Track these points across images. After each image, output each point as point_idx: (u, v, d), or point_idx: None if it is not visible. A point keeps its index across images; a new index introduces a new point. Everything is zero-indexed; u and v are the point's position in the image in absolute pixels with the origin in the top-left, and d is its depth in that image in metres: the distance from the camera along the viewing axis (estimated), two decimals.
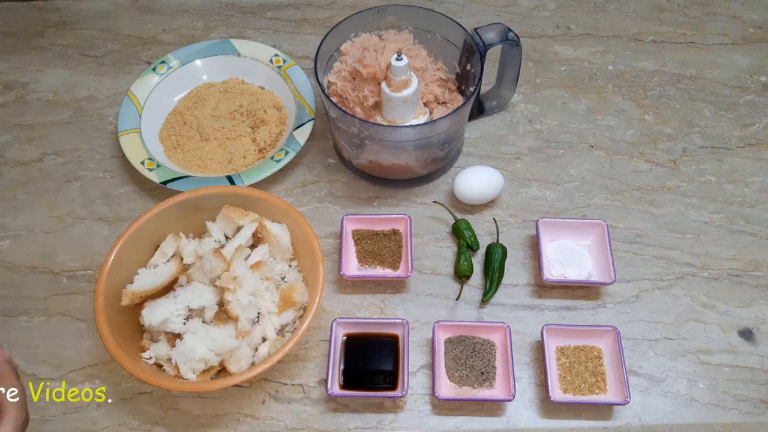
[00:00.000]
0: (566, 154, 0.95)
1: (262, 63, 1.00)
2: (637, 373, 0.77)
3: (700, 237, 0.88)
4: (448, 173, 0.93)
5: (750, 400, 0.76)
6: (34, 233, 0.89)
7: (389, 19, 0.89)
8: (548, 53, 1.07)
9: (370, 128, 0.81)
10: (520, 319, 0.81)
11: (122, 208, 0.90)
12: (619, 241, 0.87)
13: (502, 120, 0.99)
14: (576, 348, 0.77)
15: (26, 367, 0.77)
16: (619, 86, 1.03)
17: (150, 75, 0.97)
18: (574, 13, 1.12)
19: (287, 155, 0.89)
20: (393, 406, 0.75)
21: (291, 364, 0.78)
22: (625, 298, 0.83)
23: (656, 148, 0.96)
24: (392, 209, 0.90)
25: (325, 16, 1.12)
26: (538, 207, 0.90)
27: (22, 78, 1.04)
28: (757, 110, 1.00)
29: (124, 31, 1.10)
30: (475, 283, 0.84)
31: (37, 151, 0.96)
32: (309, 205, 0.90)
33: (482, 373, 0.75)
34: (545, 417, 0.74)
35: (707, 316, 0.81)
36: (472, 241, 0.85)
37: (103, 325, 0.69)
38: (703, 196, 0.91)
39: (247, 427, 0.74)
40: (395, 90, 0.80)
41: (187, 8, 1.13)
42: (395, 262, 0.83)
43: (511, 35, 0.85)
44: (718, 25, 1.11)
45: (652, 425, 0.74)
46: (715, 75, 1.04)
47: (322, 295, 0.72)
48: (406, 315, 0.81)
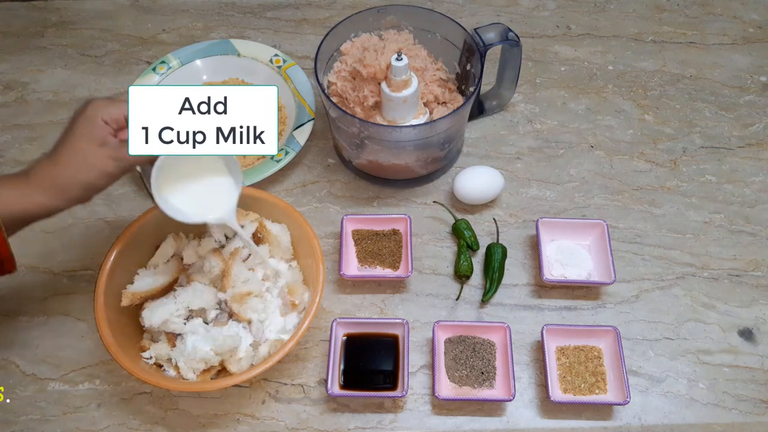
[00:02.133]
0: (566, 154, 0.95)
1: (262, 63, 1.00)
2: (637, 373, 0.77)
3: (700, 237, 0.88)
4: (448, 173, 0.93)
5: (750, 400, 0.76)
6: (34, 233, 0.88)
7: (389, 19, 0.89)
8: (548, 53, 1.07)
9: (370, 128, 0.81)
10: (520, 319, 0.81)
11: (122, 208, 0.90)
12: (619, 241, 0.87)
13: (502, 120, 0.99)
14: (576, 348, 0.77)
15: (26, 367, 0.77)
16: (619, 86, 1.03)
17: (150, 75, 0.97)
18: (574, 13, 1.12)
19: (287, 155, 0.89)
20: (393, 406, 0.75)
21: (291, 364, 0.78)
22: (625, 298, 0.83)
23: (656, 148, 0.96)
24: (392, 209, 0.90)
25: (325, 16, 1.12)
26: (538, 207, 0.90)
27: (22, 78, 1.04)
28: (757, 110, 1.00)
29: (124, 31, 1.10)
30: (475, 283, 0.84)
31: (37, 151, 0.96)
32: (309, 205, 0.90)
33: (482, 373, 0.75)
34: (545, 417, 0.74)
35: (707, 316, 0.81)
36: (472, 241, 0.85)
37: (103, 325, 0.69)
38: (703, 196, 0.91)
39: (247, 427, 0.74)
40: (395, 90, 0.80)
41: (187, 8, 1.13)
42: (395, 262, 0.83)
43: (511, 35, 0.85)
44: (718, 25, 1.11)
45: (652, 425, 0.74)
46: (715, 75, 1.04)
47: (322, 295, 0.72)
48: (406, 315, 0.81)
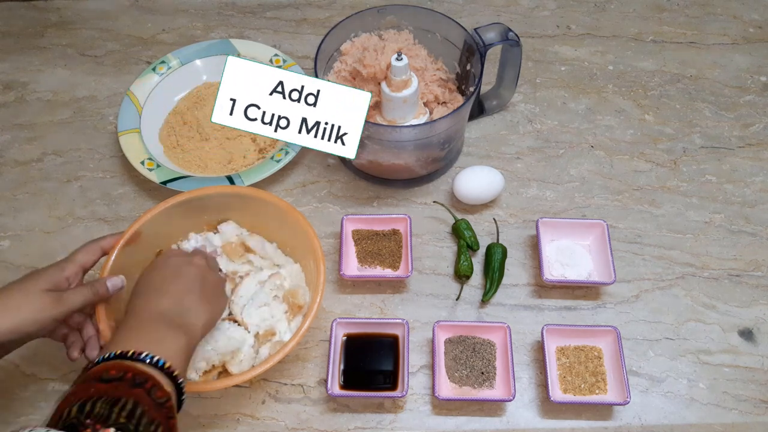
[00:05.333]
0: (566, 154, 0.95)
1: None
2: (637, 373, 0.77)
3: (700, 237, 0.88)
4: (448, 173, 0.93)
5: (750, 400, 0.76)
6: (34, 233, 0.89)
7: (389, 19, 0.89)
8: (548, 53, 1.07)
9: (370, 128, 0.81)
10: (520, 319, 0.81)
11: (122, 208, 0.90)
12: (619, 241, 0.87)
13: (502, 120, 0.99)
14: (576, 348, 0.77)
15: (26, 367, 0.77)
16: (619, 86, 1.03)
17: (150, 75, 0.97)
18: (574, 13, 1.12)
19: (287, 155, 0.89)
20: (393, 406, 0.75)
21: (291, 364, 0.77)
22: (625, 298, 0.83)
23: (656, 148, 0.96)
24: (392, 209, 0.90)
25: (325, 16, 1.12)
26: (538, 207, 0.90)
27: (22, 78, 1.04)
28: (758, 110, 1.00)
29: (124, 31, 1.10)
30: (475, 283, 0.84)
31: (37, 151, 0.96)
32: (309, 205, 0.90)
33: (482, 373, 0.75)
34: (545, 417, 0.74)
35: (707, 316, 0.81)
36: (472, 241, 0.85)
37: (104, 324, 0.68)
38: (703, 196, 0.91)
39: (247, 427, 0.74)
40: (395, 90, 0.80)
41: (187, 8, 1.13)
42: (395, 262, 0.83)
43: (511, 35, 0.85)
44: (718, 25, 1.11)
45: (652, 425, 0.74)
46: (715, 75, 1.04)
47: (323, 295, 0.72)
48: (406, 315, 0.81)
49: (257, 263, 0.79)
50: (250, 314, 0.73)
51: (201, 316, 0.62)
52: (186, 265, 0.65)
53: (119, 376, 0.50)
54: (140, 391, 0.50)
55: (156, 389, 0.51)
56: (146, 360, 0.53)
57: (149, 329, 0.58)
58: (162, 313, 0.60)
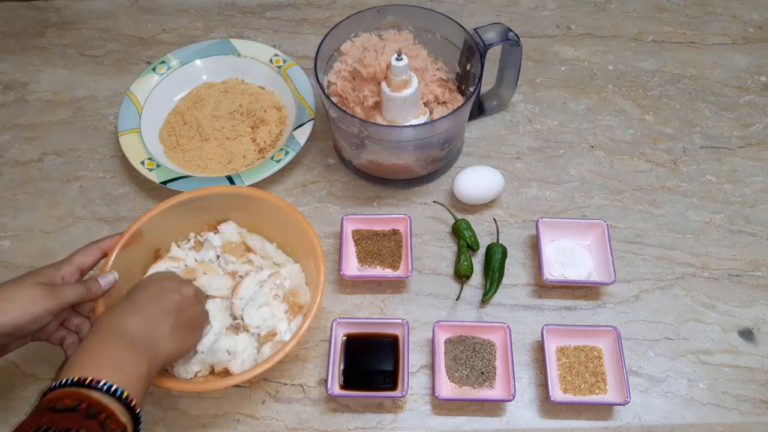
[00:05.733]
0: (566, 154, 0.95)
1: (262, 63, 1.00)
2: (637, 373, 0.77)
3: (700, 237, 0.88)
4: (448, 173, 0.93)
5: (750, 400, 0.76)
6: (34, 233, 0.89)
7: (389, 19, 0.89)
8: (548, 53, 1.07)
9: (370, 128, 0.81)
10: (520, 319, 0.81)
11: (122, 208, 0.90)
12: (619, 241, 0.87)
13: (502, 120, 0.99)
14: (576, 348, 0.77)
15: (26, 367, 0.77)
16: (619, 86, 1.03)
17: (150, 75, 0.97)
18: (574, 13, 1.12)
19: (287, 155, 0.89)
20: (393, 406, 0.75)
21: (291, 364, 0.77)
22: (625, 298, 0.83)
23: (656, 148, 0.96)
24: (392, 209, 0.90)
25: (325, 16, 1.12)
26: (538, 207, 0.90)
27: (22, 78, 1.04)
28: (758, 110, 1.00)
29: (124, 31, 1.10)
30: (475, 283, 0.84)
31: (37, 151, 0.96)
32: (309, 205, 0.90)
33: (482, 373, 0.75)
34: (545, 417, 0.74)
35: (707, 316, 0.81)
36: (472, 241, 0.85)
37: None
38: (703, 196, 0.91)
39: (247, 427, 0.74)
40: (395, 90, 0.80)
41: (187, 8, 1.13)
42: (395, 262, 0.83)
43: (511, 35, 0.85)
44: (718, 25, 1.11)
45: (652, 425, 0.74)
46: (715, 75, 1.04)
47: (323, 295, 0.71)
48: (406, 315, 0.81)
49: (257, 263, 0.79)
50: (251, 315, 0.73)
51: (167, 346, 0.60)
52: (171, 292, 0.63)
53: (73, 406, 0.48)
54: (93, 423, 0.48)
55: (110, 421, 0.49)
56: (103, 388, 0.51)
57: (111, 350, 0.55)
58: (127, 334, 0.57)
